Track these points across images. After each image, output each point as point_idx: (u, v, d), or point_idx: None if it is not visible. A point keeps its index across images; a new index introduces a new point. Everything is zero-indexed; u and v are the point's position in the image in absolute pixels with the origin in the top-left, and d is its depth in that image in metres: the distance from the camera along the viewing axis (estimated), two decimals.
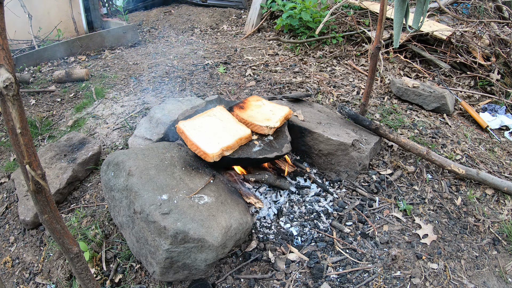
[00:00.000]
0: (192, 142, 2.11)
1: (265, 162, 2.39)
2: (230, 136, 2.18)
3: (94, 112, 3.47)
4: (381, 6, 2.43)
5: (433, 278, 2.01)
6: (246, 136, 2.22)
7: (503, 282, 2.07)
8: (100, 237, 2.21)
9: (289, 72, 4.04)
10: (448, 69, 4.10)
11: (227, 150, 2.10)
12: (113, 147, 2.97)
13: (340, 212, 2.36)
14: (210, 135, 2.18)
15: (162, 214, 1.77)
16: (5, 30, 0.98)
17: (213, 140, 2.14)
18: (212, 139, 2.14)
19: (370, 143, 2.65)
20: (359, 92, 3.66)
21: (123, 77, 4.08)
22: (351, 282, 1.96)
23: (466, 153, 2.91)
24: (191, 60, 4.42)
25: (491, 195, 2.55)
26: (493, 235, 2.31)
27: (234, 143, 2.13)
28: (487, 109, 3.59)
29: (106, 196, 2.16)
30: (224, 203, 2.00)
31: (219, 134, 2.19)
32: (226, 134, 2.19)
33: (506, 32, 4.20)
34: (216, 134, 2.19)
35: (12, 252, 2.34)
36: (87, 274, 1.45)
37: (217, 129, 2.24)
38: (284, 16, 4.80)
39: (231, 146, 2.12)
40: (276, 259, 2.05)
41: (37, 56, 4.53)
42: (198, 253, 1.77)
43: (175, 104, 3.02)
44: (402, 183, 2.60)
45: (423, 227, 2.28)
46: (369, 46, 4.41)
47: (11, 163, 2.97)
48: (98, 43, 4.96)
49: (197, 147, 2.09)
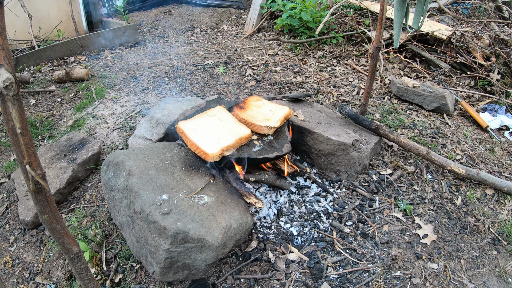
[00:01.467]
0: (192, 142, 2.12)
1: (265, 162, 2.39)
2: (230, 136, 2.19)
3: (94, 112, 3.47)
4: (381, 6, 2.43)
5: (433, 278, 2.01)
6: (246, 136, 2.23)
7: (503, 282, 2.07)
8: (100, 237, 2.21)
9: (289, 72, 4.04)
10: (448, 69, 4.10)
11: (227, 150, 2.11)
12: (113, 147, 2.97)
13: (340, 212, 2.36)
14: (210, 135, 2.18)
15: (162, 214, 1.77)
16: (5, 30, 0.98)
17: (213, 140, 2.14)
18: (212, 139, 2.15)
19: (370, 143, 2.65)
20: (359, 92, 3.66)
21: (123, 77, 4.08)
22: (351, 282, 1.96)
23: (466, 153, 2.91)
24: (191, 60, 4.42)
25: (491, 195, 2.55)
26: (493, 235, 2.31)
27: (234, 143, 2.14)
28: (487, 109, 3.59)
29: (106, 196, 2.16)
30: (224, 203, 2.00)
31: (219, 134, 2.19)
32: (226, 134, 2.20)
33: (506, 32, 4.20)
34: (216, 134, 2.20)
35: (12, 252, 2.34)
36: (87, 274, 1.45)
37: (217, 129, 2.25)
38: (284, 16, 4.80)
39: (231, 146, 2.12)
40: (276, 259, 2.05)
41: (37, 56, 4.53)
42: (198, 253, 1.77)
43: (175, 104, 3.02)
44: (402, 183, 2.60)
45: (423, 227, 2.28)
46: (369, 46, 4.41)
47: (11, 163, 2.97)
48: (98, 43, 4.96)
49: (197, 147, 2.09)
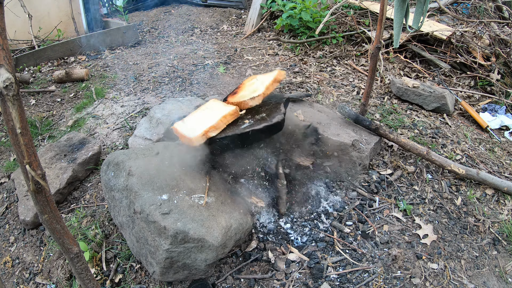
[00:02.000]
0: (181, 134, 2.09)
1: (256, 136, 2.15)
2: (214, 117, 2.11)
3: (94, 112, 3.47)
4: (381, 6, 2.43)
5: (433, 278, 2.01)
6: (231, 112, 2.12)
7: (503, 282, 2.07)
8: (100, 237, 2.21)
9: (289, 72, 4.04)
10: (448, 69, 4.10)
11: (211, 131, 2.03)
12: (113, 147, 2.97)
13: (340, 212, 2.36)
14: (197, 124, 2.14)
15: (162, 214, 1.77)
16: (5, 30, 0.98)
17: (198, 126, 2.09)
18: (197, 127, 2.10)
19: (370, 143, 2.65)
20: (359, 92, 3.66)
21: (123, 77, 4.08)
22: (351, 282, 1.96)
23: (466, 153, 2.91)
24: (191, 60, 4.42)
25: (491, 195, 2.55)
26: (493, 235, 2.31)
27: (218, 122, 2.05)
28: (487, 109, 3.58)
29: (106, 196, 2.16)
30: (224, 203, 2.00)
31: (205, 121, 2.13)
32: (211, 118, 2.14)
33: (506, 32, 4.20)
34: (203, 121, 2.14)
35: (12, 252, 2.34)
36: (87, 274, 1.45)
37: (205, 117, 2.18)
38: (284, 16, 4.79)
39: (215, 126, 2.04)
40: (276, 259, 2.05)
41: (37, 56, 4.52)
42: (198, 253, 1.77)
43: (175, 104, 3.02)
44: (402, 183, 2.60)
45: (423, 227, 2.28)
46: (369, 46, 4.41)
47: (11, 163, 2.97)
48: (98, 43, 4.96)
49: (184, 136, 2.06)
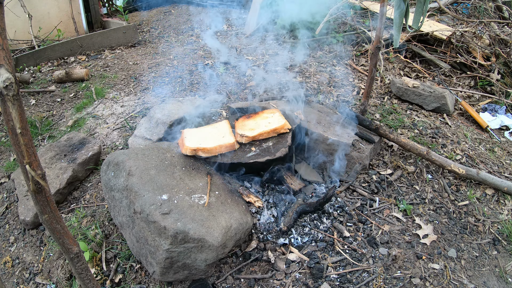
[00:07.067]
0: (181, 138, 2.35)
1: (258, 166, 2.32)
2: (212, 141, 2.30)
3: (94, 112, 3.47)
4: (381, 6, 2.43)
5: (433, 278, 2.01)
6: (229, 144, 2.29)
7: (503, 282, 2.07)
8: (100, 237, 2.21)
9: (289, 72, 4.04)
10: (448, 69, 4.10)
11: (203, 152, 2.23)
12: (113, 147, 2.97)
13: (340, 212, 2.35)
14: (198, 138, 2.35)
15: (162, 214, 1.77)
16: (5, 30, 0.98)
17: (196, 140, 2.30)
18: (196, 140, 2.31)
19: None
20: (359, 92, 3.66)
21: (123, 77, 4.08)
22: (351, 282, 1.96)
23: (466, 153, 2.91)
24: (191, 60, 4.42)
25: (491, 195, 2.55)
26: (493, 235, 2.31)
27: (212, 148, 2.24)
28: (487, 109, 3.58)
29: (106, 196, 2.16)
30: (224, 203, 2.00)
31: (205, 140, 2.32)
32: (211, 140, 2.33)
33: (506, 32, 4.20)
34: (203, 139, 2.33)
35: (12, 252, 2.34)
36: (87, 274, 1.45)
37: (208, 136, 2.38)
38: (284, 16, 4.79)
39: (208, 149, 2.23)
40: (276, 259, 2.05)
41: (37, 56, 4.52)
42: (198, 253, 1.77)
43: (175, 104, 3.02)
44: (402, 183, 2.60)
45: (423, 227, 2.28)
46: (369, 46, 4.41)
47: (11, 163, 2.97)
48: (98, 43, 4.96)
49: (181, 139, 2.33)
